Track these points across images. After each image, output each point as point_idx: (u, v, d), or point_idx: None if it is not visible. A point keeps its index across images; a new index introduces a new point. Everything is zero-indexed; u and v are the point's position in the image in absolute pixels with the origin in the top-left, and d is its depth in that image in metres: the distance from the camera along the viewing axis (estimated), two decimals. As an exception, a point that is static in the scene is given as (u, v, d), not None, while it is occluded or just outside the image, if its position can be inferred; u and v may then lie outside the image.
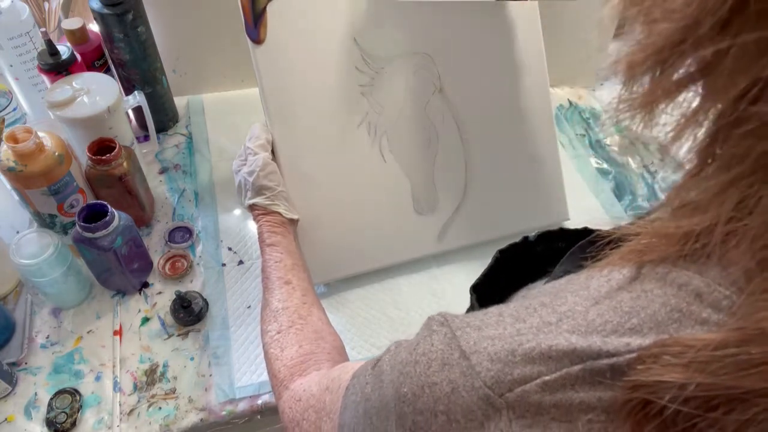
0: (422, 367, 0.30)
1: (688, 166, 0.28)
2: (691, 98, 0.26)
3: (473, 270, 0.80)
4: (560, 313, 0.28)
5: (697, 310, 0.26)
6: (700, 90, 0.26)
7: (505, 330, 0.29)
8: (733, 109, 0.24)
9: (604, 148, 1.01)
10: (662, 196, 0.93)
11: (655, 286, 0.27)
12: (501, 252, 0.47)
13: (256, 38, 0.67)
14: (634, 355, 0.25)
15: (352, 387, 0.37)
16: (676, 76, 0.26)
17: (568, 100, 1.09)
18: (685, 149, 0.27)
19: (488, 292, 0.44)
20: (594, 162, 0.99)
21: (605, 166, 0.98)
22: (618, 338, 0.26)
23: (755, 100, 0.23)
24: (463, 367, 0.28)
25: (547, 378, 0.26)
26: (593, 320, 0.27)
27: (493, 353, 0.28)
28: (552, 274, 0.39)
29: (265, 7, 0.67)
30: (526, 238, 0.47)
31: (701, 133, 0.26)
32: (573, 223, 0.86)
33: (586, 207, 0.91)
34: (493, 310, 0.31)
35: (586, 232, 0.42)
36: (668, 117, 0.27)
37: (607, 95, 1.10)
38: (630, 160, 0.99)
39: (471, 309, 0.45)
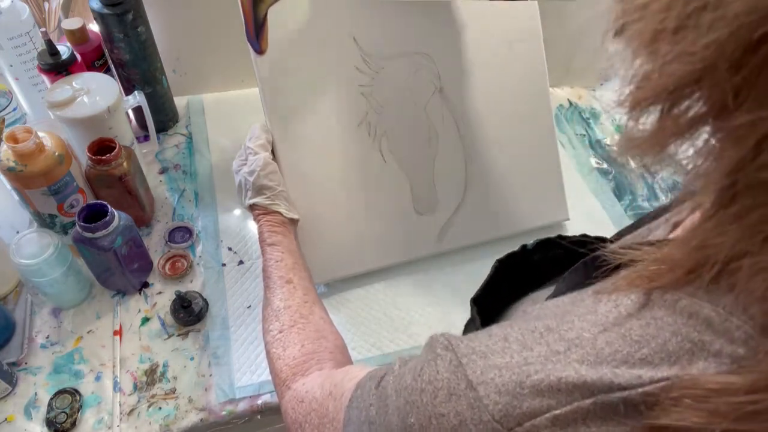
0: (428, 396, 0.29)
1: (701, 205, 0.27)
2: (703, 138, 0.25)
3: (473, 270, 0.81)
4: (568, 341, 0.28)
5: (709, 340, 0.25)
6: (711, 130, 0.25)
7: (512, 359, 0.28)
8: (755, 154, 0.23)
9: (604, 148, 1.01)
10: (662, 196, 0.93)
11: (664, 314, 0.27)
12: (500, 262, 0.47)
13: (258, 49, 0.68)
14: (647, 389, 0.25)
15: (356, 401, 0.37)
16: (689, 116, 0.25)
17: (568, 100, 1.09)
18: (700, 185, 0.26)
19: (488, 302, 0.44)
20: (594, 162, 0.99)
21: (605, 166, 0.98)
22: (629, 369, 0.25)
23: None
24: (470, 398, 0.28)
25: (557, 412, 0.26)
26: (602, 349, 0.26)
27: (501, 384, 0.27)
28: (555, 289, 0.38)
29: (265, 17, 0.67)
30: (524, 247, 0.46)
31: (717, 173, 0.25)
32: (573, 222, 0.86)
33: (586, 207, 0.91)
34: (497, 332, 0.30)
35: (583, 239, 0.41)
36: (682, 153, 0.26)
37: (607, 95, 1.10)
38: (630, 160, 0.99)
39: (472, 322, 0.45)
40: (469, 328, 0.47)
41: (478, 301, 0.45)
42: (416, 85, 0.75)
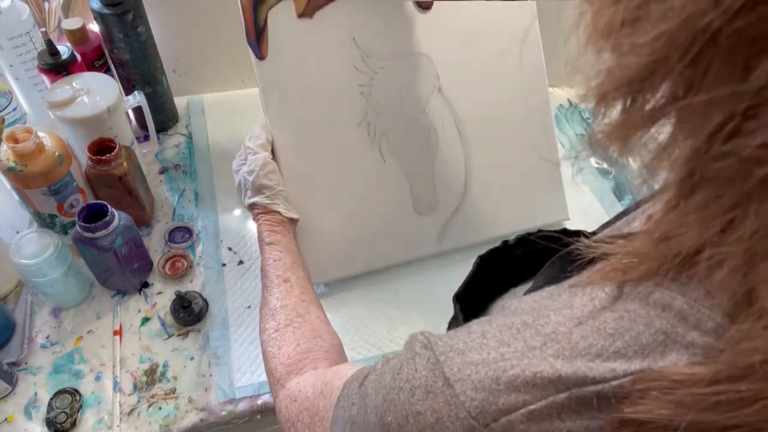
0: (406, 394, 0.29)
1: (666, 197, 0.27)
2: (666, 129, 0.26)
3: (473, 270, 0.81)
4: (544, 336, 0.28)
5: (682, 332, 0.25)
6: (673, 121, 0.25)
7: (489, 355, 0.28)
8: (708, 145, 0.23)
9: (604, 149, 1.01)
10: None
11: (638, 306, 0.27)
12: (481, 258, 0.47)
13: (260, 55, 0.68)
14: (619, 381, 0.25)
15: (342, 399, 0.37)
16: (648, 108, 0.25)
17: (568, 100, 1.09)
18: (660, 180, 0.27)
19: (471, 299, 0.44)
20: (594, 162, 0.99)
21: (605, 166, 0.98)
22: (603, 363, 0.26)
23: (731, 135, 0.22)
24: (447, 395, 0.28)
25: (532, 407, 0.26)
26: (577, 343, 0.27)
27: (477, 381, 0.27)
28: (532, 283, 0.39)
29: (266, 21, 0.67)
30: (506, 242, 0.46)
31: (678, 164, 0.25)
32: (573, 222, 0.86)
33: (586, 207, 0.91)
34: (476, 329, 0.31)
35: (564, 233, 0.42)
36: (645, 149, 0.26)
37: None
38: (630, 160, 0.99)
39: (455, 319, 0.45)
40: (451, 325, 0.48)
41: (460, 298, 0.45)
42: (415, 85, 0.75)
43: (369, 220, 0.76)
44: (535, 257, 0.40)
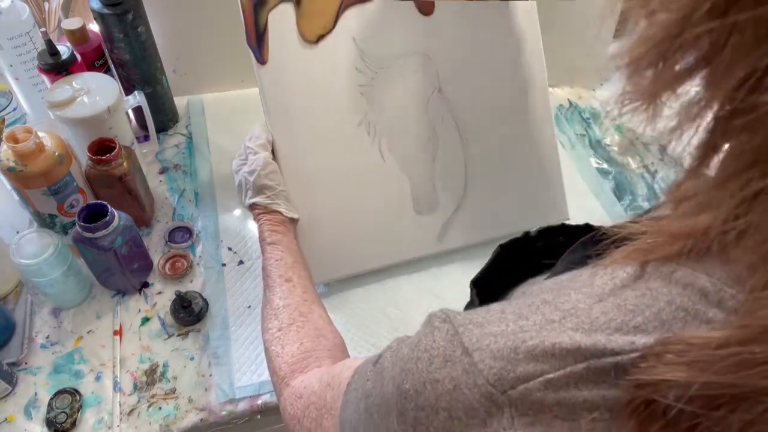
0: (424, 363, 0.30)
1: (688, 161, 0.28)
2: (694, 90, 0.26)
3: (473, 269, 0.80)
4: (563, 311, 0.28)
5: (702, 309, 0.26)
6: (699, 80, 0.26)
7: (507, 327, 0.28)
8: (730, 101, 0.24)
9: (604, 148, 1.01)
10: (663, 196, 0.93)
11: (660, 285, 0.27)
12: (501, 247, 0.47)
13: (261, 60, 0.68)
14: (638, 354, 0.25)
15: (354, 383, 0.37)
16: (678, 68, 0.25)
17: (568, 100, 1.09)
18: (685, 143, 0.27)
19: (488, 286, 0.44)
20: (594, 162, 0.99)
21: (605, 166, 0.98)
22: (622, 336, 0.26)
23: (752, 90, 0.23)
24: (465, 364, 0.28)
25: (550, 376, 0.26)
26: (597, 318, 0.27)
27: (496, 350, 0.28)
28: (553, 269, 0.39)
29: (266, 25, 0.67)
30: (527, 233, 0.46)
31: (701, 126, 0.26)
32: (573, 223, 0.86)
33: (586, 207, 0.91)
34: (495, 307, 0.31)
35: (587, 228, 0.42)
36: (671, 110, 0.27)
37: (607, 95, 1.10)
38: (630, 160, 0.99)
39: (470, 304, 0.45)
40: (467, 309, 0.48)
41: (477, 284, 0.45)
42: (416, 85, 0.75)
43: (369, 220, 0.76)
44: (556, 250, 0.40)
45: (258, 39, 0.67)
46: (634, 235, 0.30)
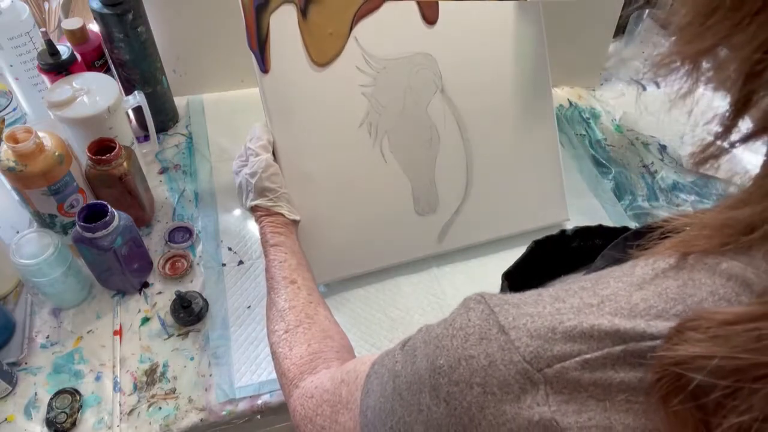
0: (459, 340, 0.29)
1: (715, 125, 0.28)
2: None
3: (474, 271, 0.81)
4: (602, 296, 0.28)
5: (746, 300, 0.26)
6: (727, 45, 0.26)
7: (544, 309, 0.28)
8: (759, 58, 0.24)
9: (604, 148, 1.01)
10: (662, 197, 0.93)
11: (703, 276, 0.27)
12: (536, 243, 0.47)
13: (264, 69, 0.68)
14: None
15: (375, 372, 0.37)
16: (724, 24, 0.26)
17: (568, 100, 1.09)
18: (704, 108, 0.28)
19: (520, 280, 0.44)
20: (594, 162, 0.99)
21: (605, 166, 0.98)
22: (663, 322, 0.26)
23: None
24: (501, 341, 0.28)
25: (587, 356, 0.26)
26: (637, 304, 0.27)
27: (533, 329, 0.28)
28: (591, 267, 0.39)
29: (268, 32, 0.66)
30: (563, 231, 0.46)
31: (734, 80, 0.26)
32: (573, 223, 0.86)
33: (586, 207, 0.91)
34: (531, 291, 0.31)
35: (624, 230, 0.42)
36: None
37: (607, 95, 1.10)
38: (630, 160, 0.99)
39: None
40: None
41: (509, 276, 0.45)
42: (417, 85, 0.75)
43: (370, 221, 0.76)
44: (591, 251, 0.40)
45: (260, 45, 0.67)
46: (679, 228, 0.30)
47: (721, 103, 0.27)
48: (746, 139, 0.27)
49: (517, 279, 0.44)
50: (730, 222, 0.27)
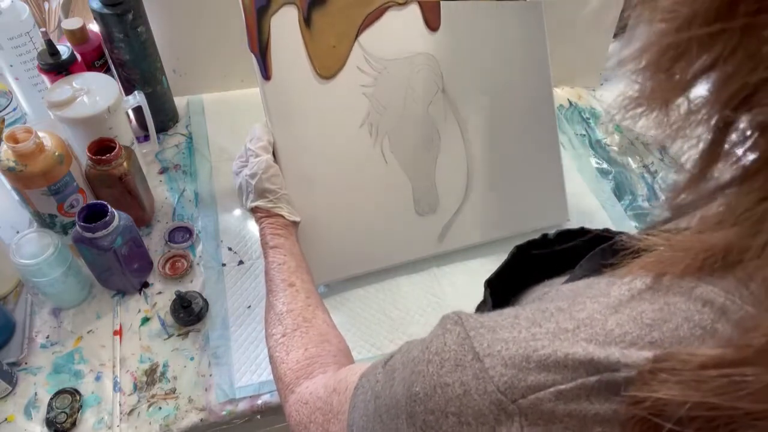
0: (435, 366, 0.29)
1: (689, 169, 0.27)
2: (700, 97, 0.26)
3: (474, 271, 0.81)
4: (578, 320, 0.28)
5: (721, 328, 0.25)
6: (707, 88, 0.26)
7: (519, 333, 0.28)
8: (723, 114, 0.24)
9: (604, 148, 1.01)
10: (663, 196, 0.93)
11: (679, 300, 0.27)
12: (518, 248, 0.47)
13: (266, 76, 0.68)
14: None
15: (362, 386, 0.37)
16: (679, 76, 0.25)
17: (568, 100, 1.09)
18: (685, 150, 0.27)
19: (502, 287, 0.44)
20: (594, 162, 0.99)
21: (605, 166, 0.98)
22: (637, 351, 0.25)
23: (739, 106, 0.23)
24: (476, 369, 0.28)
25: (562, 387, 0.26)
26: (612, 330, 0.26)
27: (508, 357, 0.27)
28: (571, 275, 0.38)
29: (269, 37, 0.66)
30: (545, 236, 0.46)
31: (704, 135, 0.26)
32: (573, 223, 0.86)
33: (586, 207, 0.91)
34: (509, 311, 0.31)
35: (606, 233, 0.41)
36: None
37: (607, 95, 1.10)
38: (630, 160, 0.99)
39: (483, 303, 0.45)
40: (480, 309, 0.48)
41: (492, 284, 0.45)
42: (419, 86, 0.75)
43: (370, 222, 0.76)
44: (574, 253, 0.40)
45: (261, 49, 0.67)
46: (653, 247, 0.29)
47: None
48: (723, 187, 0.26)
49: (499, 286, 0.44)
50: (705, 246, 0.27)
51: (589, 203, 0.92)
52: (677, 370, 0.24)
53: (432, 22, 0.73)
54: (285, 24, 0.67)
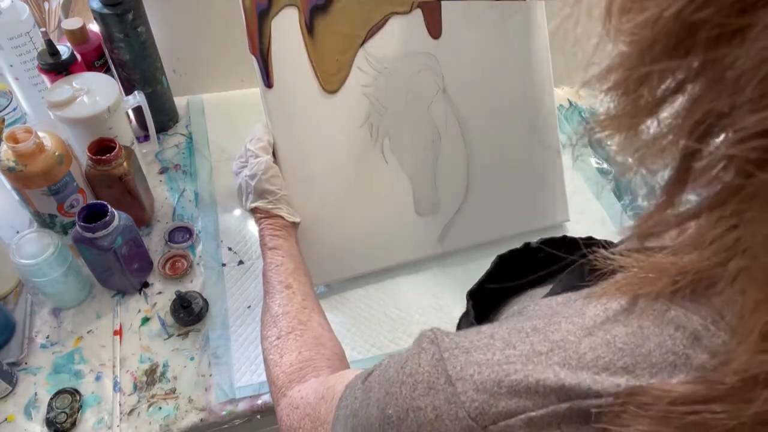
0: (408, 388, 0.29)
1: (657, 196, 0.27)
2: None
3: (474, 271, 0.80)
4: (552, 342, 0.27)
5: (693, 354, 0.25)
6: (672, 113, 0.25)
7: (493, 356, 0.28)
8: (688, 142, 0.23)
9: (604, 148, 1.01)
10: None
11: (651, 324, 0.26)
12: (501, 257, 0.47)
13: (267, 83, 0.68)
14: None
15: (344, 399, 0.37)
16: (645, 100, 0.25)
17: (568, 100, 1.09)
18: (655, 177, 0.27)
19: (485, 297, 0.44)
20: (594, 162, 0.99)
21: (605, 166, 0.98)
22: (609, 377, 0.25)
23: (705, 133, 0.22)
24: (448, 393, 0.28)
25: (532, 414, 0.26)
26: (585, 354, 0.26)
27: (479, 382, 0.27)
28: (551, 289, 0.38)
29: (270, 42, 0.66)
30: (527, 244, 0.46)
31: (671, 162, 0.25)
32: (573, 223, 0.86)
33: (586, 207, 0.91)
34: (486, 329, 0.31)
35: (589, 241, 0.41)
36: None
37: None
38: (630, 159, 0.99)
39: (466, 315, 0.45)
40: (462, 321, 0.48)
41: (474, 295, 0.45)
42: (419, 86, 0.75)
43: (370, 222, 0.76)
44: (557, 262, 0.40)
45: (262, 54, 0.67)
46: (628, 267, 0.29)
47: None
48: (692, 216, 0.25)
49: (482, 296, 0.44)
50: (678, 269, 0.26)
51: (589, 203, 0.92)
52: (648, 405, 0.24)
53: (434, 28, 0.73)
54: (287, 30, 0.67)
